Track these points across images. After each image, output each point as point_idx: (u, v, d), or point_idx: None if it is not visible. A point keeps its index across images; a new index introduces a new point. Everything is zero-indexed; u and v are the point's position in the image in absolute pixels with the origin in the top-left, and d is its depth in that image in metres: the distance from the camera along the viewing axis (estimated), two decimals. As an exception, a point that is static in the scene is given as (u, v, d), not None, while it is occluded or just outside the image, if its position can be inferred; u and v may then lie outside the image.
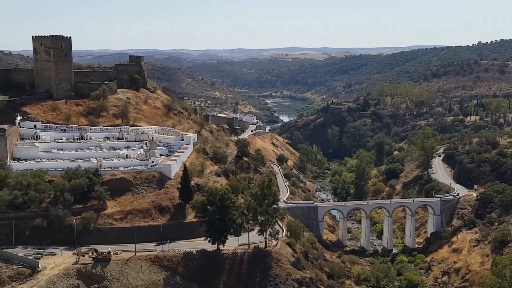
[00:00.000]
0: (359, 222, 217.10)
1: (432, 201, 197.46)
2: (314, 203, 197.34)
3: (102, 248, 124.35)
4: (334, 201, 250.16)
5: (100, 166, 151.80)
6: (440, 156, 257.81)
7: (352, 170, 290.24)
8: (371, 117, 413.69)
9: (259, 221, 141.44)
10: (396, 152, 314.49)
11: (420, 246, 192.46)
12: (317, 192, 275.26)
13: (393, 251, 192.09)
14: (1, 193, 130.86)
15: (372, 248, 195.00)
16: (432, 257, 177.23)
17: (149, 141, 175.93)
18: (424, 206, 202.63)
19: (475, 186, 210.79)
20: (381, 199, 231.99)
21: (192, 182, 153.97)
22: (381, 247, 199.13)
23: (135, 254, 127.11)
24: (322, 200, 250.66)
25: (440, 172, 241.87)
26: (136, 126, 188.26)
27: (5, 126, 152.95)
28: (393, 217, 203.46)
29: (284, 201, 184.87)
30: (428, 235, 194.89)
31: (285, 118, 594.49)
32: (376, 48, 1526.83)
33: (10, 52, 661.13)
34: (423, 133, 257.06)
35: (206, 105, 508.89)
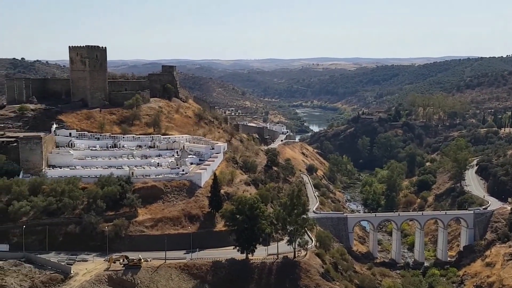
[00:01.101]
0: (390, 234, 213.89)
1: (465, 213, 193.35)
2: (344, 214, 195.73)
3: (133, 255, 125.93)
4: (364, 212, 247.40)
5: (132, 174, 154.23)
6: (473, 168, 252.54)
7: (383, 181, 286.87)
8: (403, 128, 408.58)
9: (288, 231, 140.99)
10: (428, 164, 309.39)
11: (453, 260, 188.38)
12: (347, 203, 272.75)
13: (425, 264, 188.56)
14: (36, 200, 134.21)
15: (403, 261, 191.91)
16: (465, 271, 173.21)
17: (180, 150, 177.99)
18: (457, 218, 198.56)
19: (510, 199, 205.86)
20: (412, 211, 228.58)
21: (222, 191, 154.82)
22: (413, 259, 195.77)
23: (165, 262, 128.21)
24: (352, 211, 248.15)
25: (474, 184, 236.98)
26: (168, 134, 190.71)
27: (41, 134, 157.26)
28: (425, 230, 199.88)
29: (314, 211, 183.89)
30: (461, 249, 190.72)
31: (315, 128, 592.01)
32: (408, 59, 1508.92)
33: (47, 62, 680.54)
34: (456, 145, 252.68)
35: (237, 114, 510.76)
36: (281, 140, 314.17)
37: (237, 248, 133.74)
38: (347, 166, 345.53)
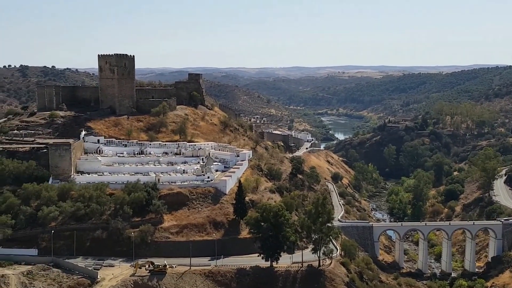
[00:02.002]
0: (416, 243, 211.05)
1: (493, 224, 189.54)
2: (370, 223, 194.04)
3: (158, 261, 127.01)
4: (390, 221, 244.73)
5: (158, 180, 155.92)
6: (502, 177, 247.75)
7: (409, 190, 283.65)
8: (430, 137, 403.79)
9: (313, 239, 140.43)
10: (455, 173, 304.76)
11: (481, 271, 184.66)
12: (373, 212, 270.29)
13: (452, 275, 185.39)
14: (65, 205, 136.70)
15: (429, 271, 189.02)
16: (493, 282, 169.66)
17: (206, 157, 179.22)
18: (485, 229, 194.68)
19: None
20: (439, 220, 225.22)
21: (247, 198, 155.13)
22: (440, 270, 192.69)
23: (190, 268, 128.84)
24: (378, 220, 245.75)
25: (502, 194, 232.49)
26: (194, 142, 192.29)
27: (71, 141, 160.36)
28: (453, 240, 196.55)
29: (339, 220, 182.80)
30: (489, 259, 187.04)
31: (340, 136, 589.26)
32: (435, 67, 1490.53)
33: (77, 70, 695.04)
34: (485, 154, 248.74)
35: (262, 122, 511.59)
36: (306, 148, 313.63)
37: (262, 255, 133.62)
38: (373, 174, 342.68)
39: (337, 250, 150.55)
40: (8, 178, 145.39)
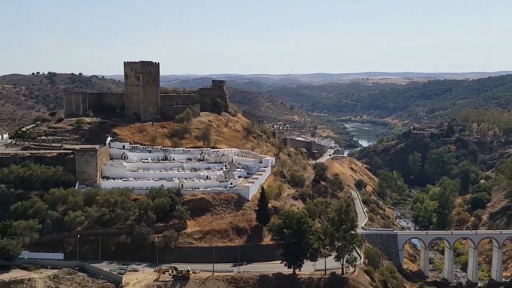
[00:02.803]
0: (442, 252, 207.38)
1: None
2: (394, 231, 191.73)
3: (182, 267, 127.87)
4: (415, 230, 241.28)
5: (182, 186, 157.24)
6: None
7: (435, 198, 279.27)
8: (456, 144, 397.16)
9: (336, 246, 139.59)
10: (482, 181, 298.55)
11: (507, 280, 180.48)
12: (397, 220, 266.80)
13: (479, 285, 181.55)
14: (90, 210, 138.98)
15: (455, 281, 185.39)
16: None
17: (229, 163, 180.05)
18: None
19: None
20: (466, 229, 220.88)
21: (269, 205, 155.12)
22: (466, 279, 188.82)
23: (213, 274, 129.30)
24: (403, 228, 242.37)
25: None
26: (217, 148, 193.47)
27: (96, 146, 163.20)
28: (479, 249, 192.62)
29: (362, 228, 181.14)
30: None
31: (364, 143, 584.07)
32: (461, 73, 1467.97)
33: (103, 77, 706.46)
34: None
35: (285, 128, 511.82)
36: (329, 155, 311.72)
37: (284, 262, 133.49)
38: (397, 182, 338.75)
39: (360, 258, 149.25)
40: (36, 183, 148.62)
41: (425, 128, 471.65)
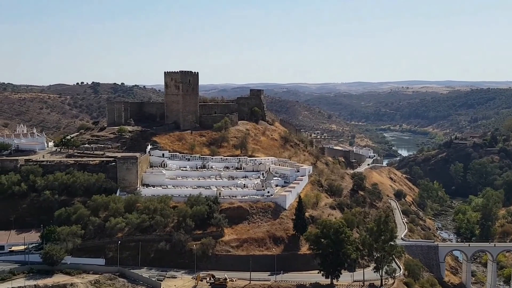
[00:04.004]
0: (485, 265, 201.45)
1: None
2: (435, 243, 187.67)
3: (219, 274, 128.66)
4: (457, 242, 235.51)
5: (220, 194, 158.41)
6: None
7: (478, 209, 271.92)
8: (499, 154, 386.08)
9: (375, 257, 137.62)
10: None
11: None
12: (438, 231, 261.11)
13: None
14: (131, 217, 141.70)
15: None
16: None
17: (266, 172, 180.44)
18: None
19: None
20: (509, 241, 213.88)
21: (307, 214, 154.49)
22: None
23: (250, 283, 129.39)
24: (444, 240, 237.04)
25: None
26: (254, 156, 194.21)
27: (137, 154, 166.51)
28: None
29: (402, 239, 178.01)
30: None
31: (404, 153, 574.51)
32: (505, 82, 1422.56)
33: (144, 86, 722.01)
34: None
35: (322, 137, 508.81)
36: (368, 164, 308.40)
37: (322, 272, 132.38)
38: (438, 192, 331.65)
39: (400, 269, 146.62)
40: (79, 189, 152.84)
41: (467, 137, 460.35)
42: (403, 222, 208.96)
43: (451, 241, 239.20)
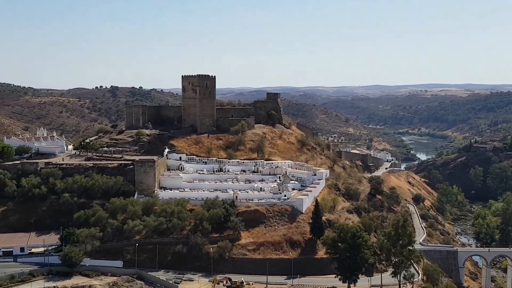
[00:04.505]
0: (505, 270, 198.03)
1: None
2: (454, 247, 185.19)
3: (236, 278, 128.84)
4: (477, 247, 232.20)
5: (236, 197, 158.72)
6: None
7: (498, 214, 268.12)
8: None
9: (393, 262, 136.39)
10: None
11: None
12: (457, 236, 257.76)
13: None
14: (148, 219, 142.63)
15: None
16: None
17: (283, 175, 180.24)
18: None
19: None
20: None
21: (324, 218, 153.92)
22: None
23: (267, 286, 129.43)
24: (463, 245, 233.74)
25: None
26: (271, 160, 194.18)
27: (155, 158, 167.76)
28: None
29: (420, 243, 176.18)
30: None
31: (422, 156, 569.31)
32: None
33: (162, 90, 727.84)
34: None
35: (340, 141, 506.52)
36: (386, 168, 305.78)
37: (339, 277, 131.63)
38: (458, 197, 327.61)
39: (418, 274, 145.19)
40: (98, 192, 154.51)
41: (487, 141, 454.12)
42: (421, 226, 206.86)
43: (471, 246, 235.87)
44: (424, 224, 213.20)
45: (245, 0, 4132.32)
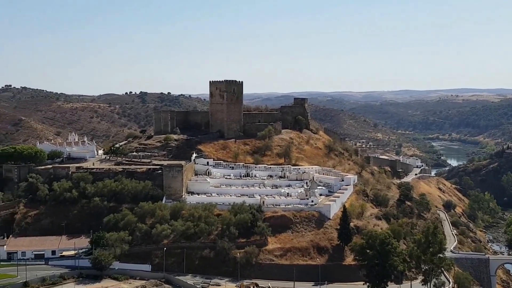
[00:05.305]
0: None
1: None
2: (486, 255, 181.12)
3: (263, 283, 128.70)
4: (509, 254, 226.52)
5: (263, 202, 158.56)
6: None
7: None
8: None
9: (423, 270, 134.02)
10: None
11: None
12: (489, 244, 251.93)
13: None
14: (176, 224, 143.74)
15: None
16: None
17: (310, 181, 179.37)
18: None
19: None
20: None
21: (351, 224, 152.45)
22: None
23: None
24: (495, 253, 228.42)
25: None
26: (298, 165, 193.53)
27: (183, 162, 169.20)
28: None
29: (451, 251, 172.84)
30: None
31: (453, 162, 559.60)
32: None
33: (190, 95, 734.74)
34: None
35: (368, 146, 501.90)
36: (415, 174, 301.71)
37: (367, 284, 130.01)
38: (490, 203, 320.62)
39: (449, 282, 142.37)
40: (127, 196, 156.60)
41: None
42: (452, 233, 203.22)
43: (503, 254, 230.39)
44: (455, 231, 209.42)
45: (274, 7, 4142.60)
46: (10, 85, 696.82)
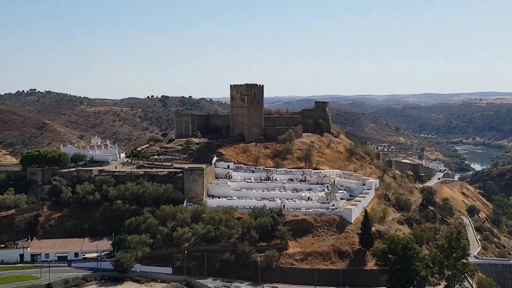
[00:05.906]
0: None
1: None
2: (510, 261, 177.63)
3: (283, 287, 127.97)
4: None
5: (284, 206, 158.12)
6: None
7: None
8: None
9: (446, 275, 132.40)
10: None
11: None
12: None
13: None
14: (197, 227, 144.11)
15: None
16: None
17: (331, 185, 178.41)
18: None
19: None
20: None
21: (373, 228, 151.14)
22: None
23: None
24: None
25: None
26: (319, 169, 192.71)
27: (203, 166, 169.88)
28: None
29: (475, 256, 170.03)
30: None
31: (477, 167, 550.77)
32: None
33: (211, 99, 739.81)
34: None
35: (390, 150, 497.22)
36: (438, 178, 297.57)
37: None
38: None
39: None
40: (148, 199, 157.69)
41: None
42: (476, 239, 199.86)
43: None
44: (478, 236, 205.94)
45: (296, 11, 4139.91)
46: (35, 89, 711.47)
